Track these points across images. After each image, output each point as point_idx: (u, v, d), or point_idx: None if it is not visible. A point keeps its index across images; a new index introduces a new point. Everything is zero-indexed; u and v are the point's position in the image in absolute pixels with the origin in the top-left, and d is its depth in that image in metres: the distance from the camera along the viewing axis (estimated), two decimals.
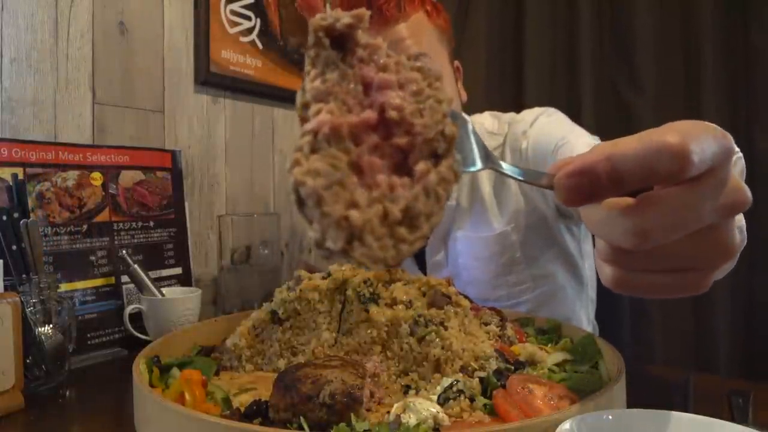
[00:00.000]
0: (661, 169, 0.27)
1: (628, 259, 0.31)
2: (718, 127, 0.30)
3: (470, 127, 0.34)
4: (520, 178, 0.33)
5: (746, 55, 1.26)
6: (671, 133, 0.27)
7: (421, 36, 0.94)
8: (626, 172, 0.27)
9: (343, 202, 0.27)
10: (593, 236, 0.36)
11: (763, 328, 1.25)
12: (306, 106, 0.30)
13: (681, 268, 0.31)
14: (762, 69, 1.24)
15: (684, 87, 1.33)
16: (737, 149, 0.29)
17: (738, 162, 0.62)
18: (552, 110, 1.05)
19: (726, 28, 1.28)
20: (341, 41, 0.30)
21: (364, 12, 0.30)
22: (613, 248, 0.32)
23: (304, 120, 0.30)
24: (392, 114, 0.29)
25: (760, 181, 1.21)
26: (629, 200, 0.30)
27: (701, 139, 0.27)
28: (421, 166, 0.30)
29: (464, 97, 1.08)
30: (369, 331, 0.67)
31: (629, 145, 0.27)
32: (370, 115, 0.29)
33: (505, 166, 0.33)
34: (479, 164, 0.33)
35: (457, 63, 1.07)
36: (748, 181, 0.36)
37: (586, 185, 0.28)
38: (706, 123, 0.30)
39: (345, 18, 0.30)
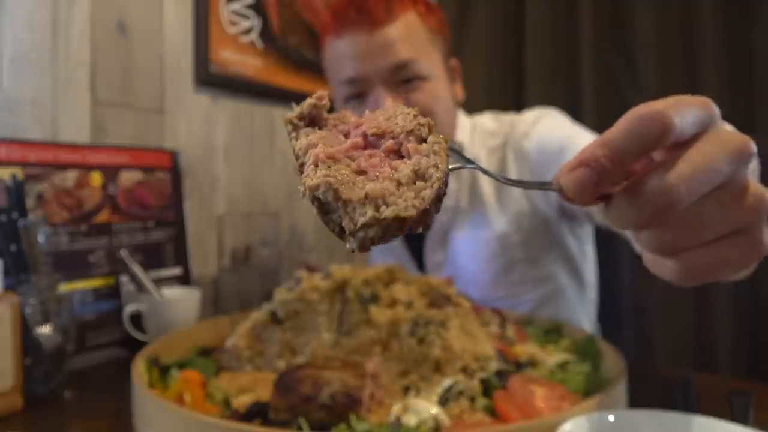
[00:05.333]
0: (648, 134, 0.29)
1: (674, 236, 0.31)
2: (699, 97, 0.32)
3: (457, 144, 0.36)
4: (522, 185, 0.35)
5: (747, 55, 1.25)
6: (648, 104, 0.29)
7: (411, 38, 0.93)
8: (622, 149, 0.29)
9: (359, 187, 0.31)
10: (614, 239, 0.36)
11: (764, 327, 1.24)
12: (299, 160, 0.35)
13: (728, 233, 0.31)
14: (763, 69, 1.23)
15: (685, 87, 1.33)
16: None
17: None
18: (553, 111, 1.04)
19: (727, 28, 1.27)
20: (312, 119, 0.37)
21: (324, 93, 0.37)
22: (654, 230, 0.31)
23: (302, 172, 0.34)
24: (373, 131, 0.35)
25: (761, 183, 1.20)
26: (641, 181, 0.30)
27: (677, 104, 0.30)
28: (411, 145, 0.34)
29: (461, 96, 1.07)
30: (369, 331, 0.67)
31: (616, 126, 0.30)
32: (357, 139, 0.35)
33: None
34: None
35: (454, 62, 1.05)
36: None
37: (589, 175, 0.30)
38: (687, 95, 0.32)
39: (305, 105, 0.37)
